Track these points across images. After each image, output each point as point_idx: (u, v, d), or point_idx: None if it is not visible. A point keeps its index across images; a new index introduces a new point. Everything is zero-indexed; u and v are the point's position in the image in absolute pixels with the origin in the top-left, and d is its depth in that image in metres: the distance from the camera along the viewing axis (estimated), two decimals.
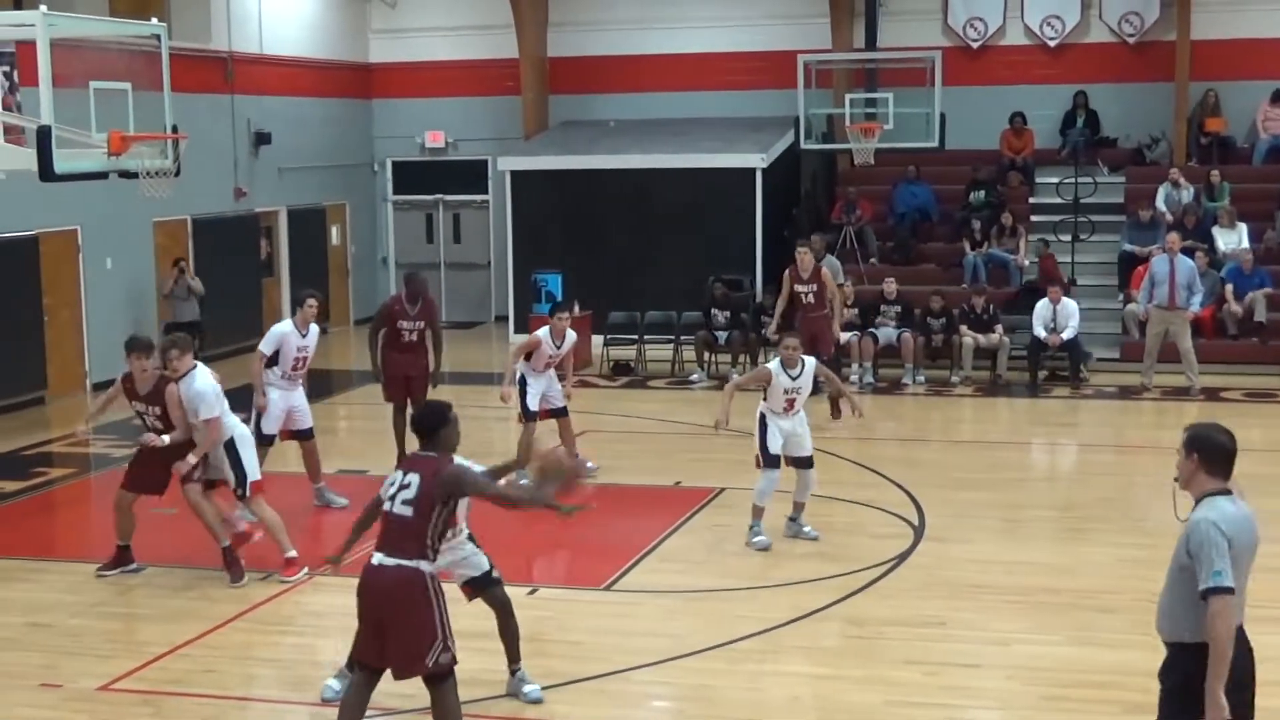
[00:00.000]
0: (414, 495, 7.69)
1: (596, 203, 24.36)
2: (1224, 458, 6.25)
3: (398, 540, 7.69)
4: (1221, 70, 24.51)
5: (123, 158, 12.96)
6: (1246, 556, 6.13)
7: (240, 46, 24.53)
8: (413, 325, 15.48)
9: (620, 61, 27.12)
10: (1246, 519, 6.17)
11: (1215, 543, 6.06)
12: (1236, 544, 6.05)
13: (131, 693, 9.40)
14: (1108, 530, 13.10)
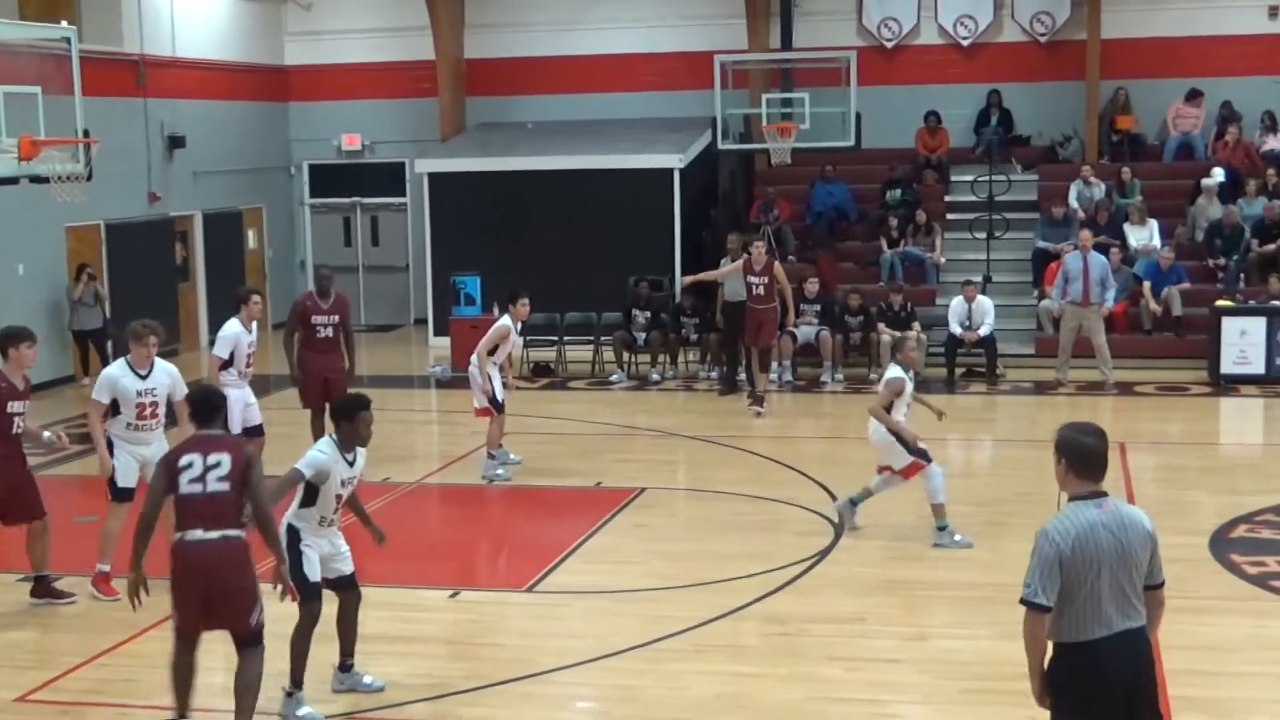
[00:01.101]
0: (227, 472, 8.18)
1: (515, 204, 24.30)
2: (1089, 459, 6.21)
3: (217, 514, 8.16)
4: (1131, 69, 24.80)
5: (33, 162, 12.85)
6: (1109, 565, 6.05)
7: (152, 49, 24.29)
8: (327, 320, 15.43)
9: (537, 63, 27.09)
10: (1105, 527, 6.09)
11: (1040, 552, 6.09)
12: (1080, 552, 6.02)
13: (49, 704, 9.30)
14: (1025, 524, 13.08)
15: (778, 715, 8.86)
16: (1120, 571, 6.09)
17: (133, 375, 11.38)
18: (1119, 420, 18.07)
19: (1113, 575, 6.07)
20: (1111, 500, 6.21)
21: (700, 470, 16.00)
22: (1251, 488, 13.97)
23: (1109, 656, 6.09)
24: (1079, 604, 6.07)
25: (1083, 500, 6.17)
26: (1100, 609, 6.08)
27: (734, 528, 13.26)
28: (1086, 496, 6.17)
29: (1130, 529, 6.12)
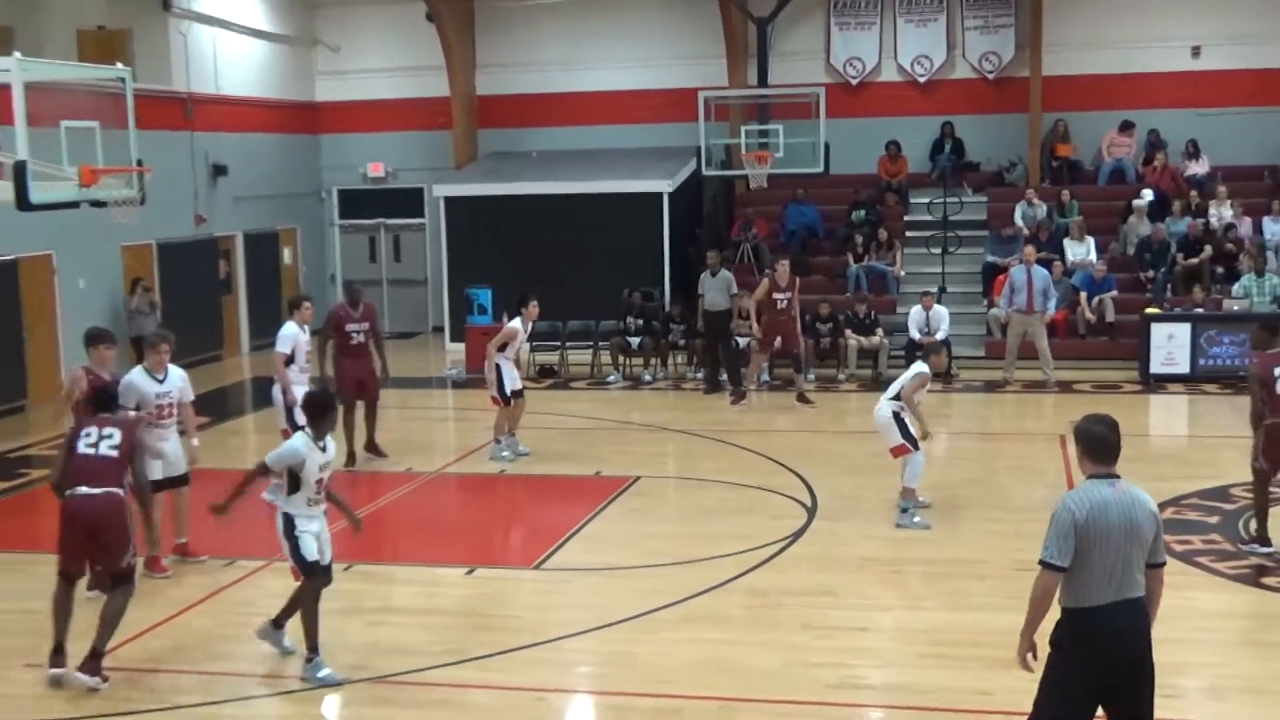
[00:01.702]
0: (118, 443, 9.18)
1: (521, 225, 24.32)
2: (1100, 445, 6.30)
3: (104, 475, 9.08)
4: (1069, 103, 24.84)
5: (93, 189, 12.83)
6: (1116, 537, 6.10)
7: (198, 87, 24.30)
8: (359, 327, 15.51)
9: (541, 99, 27.09)
10: (1116, 504, 6.15)
11: (1057, 520, 6.17)
12: (1093, 523, 6.09)
13: (111, 670, 9.29)
14: (976, 508, 13.26)
15: (758, 678, 8.88)
16: (1127, 545, 6.14)
17: (151, 380, 11.45)
18: (1060, 415, 18.10)
19: (1119, 548, 6.12)
20: (1123, 482, 6.28)
21: (688, 461, 16.03)
22: (1178, 474, 14.01)
23: (1110, 621, 6.14)
24: (1087, 572, 6.12)
25: (1098, 479, 6.24)
26: (1106, 578, 6.13)
27: (718, 512, 13.27)
28: (1101, 477, 6.24)
29: (1138, 508, 6.19)
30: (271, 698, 8.95)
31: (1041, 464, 15.42)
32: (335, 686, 8.89)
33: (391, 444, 16.17)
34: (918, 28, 26.03)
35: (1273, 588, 10.68)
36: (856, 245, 23.28)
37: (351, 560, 11.69)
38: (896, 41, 26.08)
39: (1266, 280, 20.67)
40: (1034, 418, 18.65)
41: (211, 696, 8.79)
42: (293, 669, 9.38)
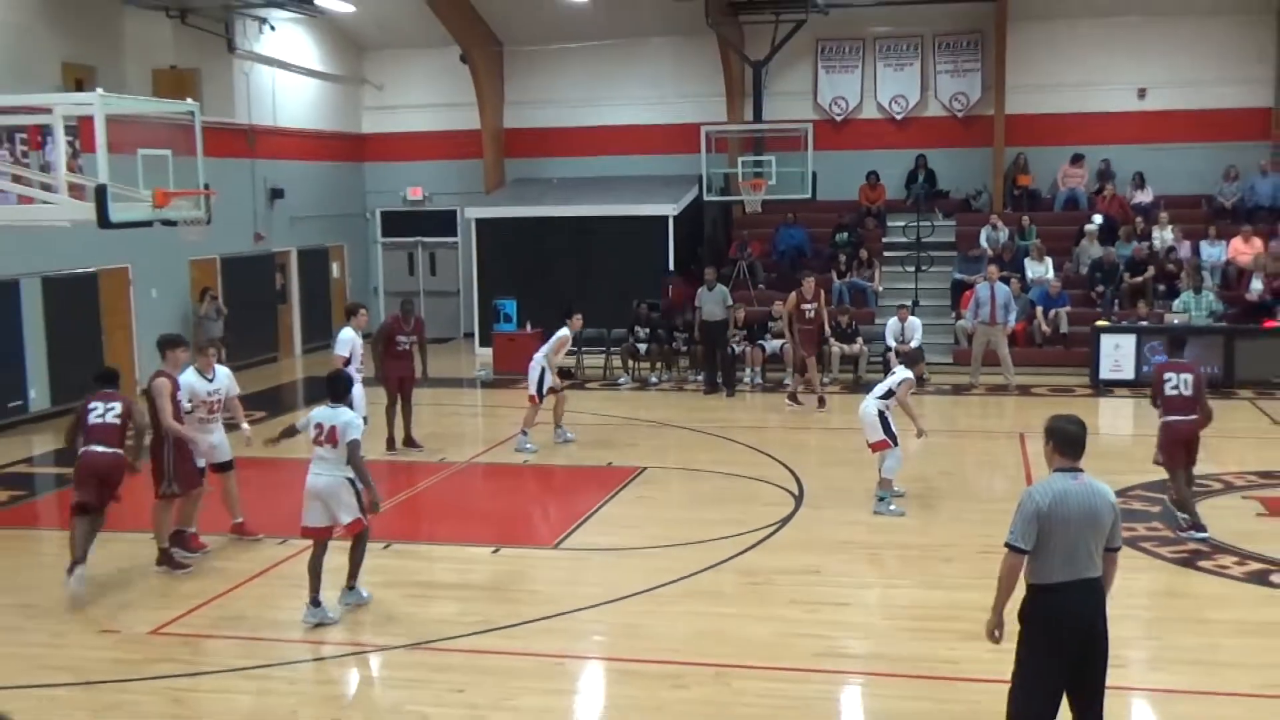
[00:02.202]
0: (120, 413, 10.54)
1: (543, 243, 24.31)
2: (1071, 442, 6.28)
3: (110, 438, 10.45)
4: (1029, 138, 24.80)
5: (165, 210, 12.80)
6: (1075, 523, 6.08)
7: (259, 120, 24.31)
8: (407, 339, 15.76)
9: (561, 132, 27.07)
10: (1076, 493, 6.13)
11: (1021, 507, 6.18)
12: (1055, 511, 6.08)
13: (175, 635, 9.30)
14: (947, 497, 13.23)
15: (752, 647, 8.85)
16: (1084, 531, 6.13)
17: (202, 380, 11.51)
18: (1019, 415, 18.07)
19: (1079, 532, 6.12)
20: (1086, 476, 6.26)
21: (689, 453, 15.98)
22: (1124, 469, 13.94)
23: (1068, 597, 6.13)
24: (1049, 553, 6.11)
25: (1062, 472, 6.24)
26: (1065, 559, 6.12)
27: (716, 499, 13.24)
28: (1066, 470, 6.22)
29: (1097, 498, 6.18)
30: (317, 662, 8.92)
31: (1003, 458, 15.39)
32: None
33: (426, 437, 16.18)
34: (895, 71, 26.00)
35: (1207, 570, 10.63)
36: (840, 263, 23.23)
37: (391, 539, 11.69)
38: (876, 83, 26.05)
39: (1203, 297, 20.62)
40: (996, 418, 18.60)
41: (263, 661, 8.77)
42: (335, 635, 9.37)
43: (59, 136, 13.56)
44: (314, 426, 9.58)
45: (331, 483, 9.47)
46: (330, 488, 9.48)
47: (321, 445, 9.50)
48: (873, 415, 12.59)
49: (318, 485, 9.51)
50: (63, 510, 13.93)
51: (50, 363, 18.49)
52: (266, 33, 24.47)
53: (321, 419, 9.55)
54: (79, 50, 20.51)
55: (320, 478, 9.52)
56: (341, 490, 9.48)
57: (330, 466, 9.49)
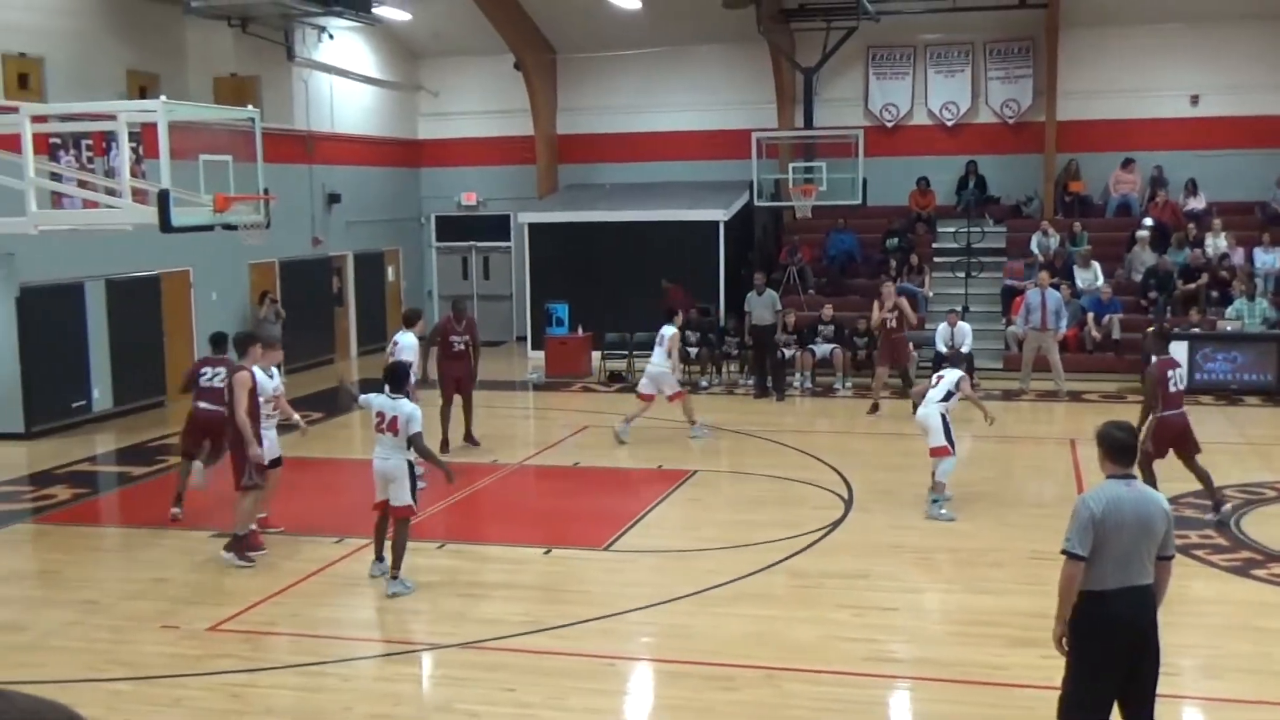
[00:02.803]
0: (224, 377, 11.55)
1: (595, 248, 24.36)
2: (1120, 449, 6.22)
3: (215, 398, 11.80)
4: (1081, 144, 24.60)
5: (225, 214, 12.91)
6: (1129, 530, 6.01)
7: (317, 126, 24.52)
8: (460, 339, 15.92)
9: (614, 138, 27.16)
10: (1130, 500, 6.06)
11: (1077, 514, 6.09)
12: (1109, 518, 6.00)
13: (234, 632, 9.38)
14: (995, 503, 13.12)
15: (801, 650, 8.82)
16: (1138, 538, 6.05)
17: (265, 376, 11.71)
18: (1070, 421, 17.90)
19: (1133, 540, 6.04)
20: (1138, 482, 6.21)
21: (740, 457, 15.96)
22: (1175, 476, 13.74)
23: (1120, 604, 6.06)
24: (1102, 560, 6.03)
25: (1115, 479, 6.17)
26: (1118, 566, 6.04)
27: (766, 502, 13.21)
28: (1119, 477, 6.16)
29: (1150, 505, 6.11)
30: (370, 660, 8.97)
31: (1053, 465, 15.24)
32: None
33: (479, 438, 16.23)
34: (946, 78, 25.86)
35: (1261, 578, 10.48)
36: (890, 269, 23.12)
37: (445, 540, 11.75)
38: (927, 90, 25.93)
39: (1257, 304, 20.36)
40: (1046, 424, 18.42)
41: (318, 658, 8.83)
42: (389, 634, 9.42)
43: (123, 142, 13.71)
44: (375, 414, 10.20)
45: (395, 466, 10.12)
46: (393, 470, 10.12)
47: (383, 432, 10.10)
48: (936, 420, 12.52)
49: (384, 468, 10.17)
50: (124, 509, 14.15)
51: (113, 364, 18.72)
52: (325, 41, 24.68)
53: (383, 408, 10.15)
54: (143, 58, 20.77)
55: (386, 461, 10.16)
56: (402, 474, 10.10)
57: (391, 450, 10.12)
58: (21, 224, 12.85)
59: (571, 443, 16.66)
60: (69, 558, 11.66)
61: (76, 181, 15.00)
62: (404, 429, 9.98)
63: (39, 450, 16.49)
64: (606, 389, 21.26)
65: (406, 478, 10.13)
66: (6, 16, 17.80)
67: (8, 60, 17.98)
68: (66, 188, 14.44)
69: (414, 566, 10.92)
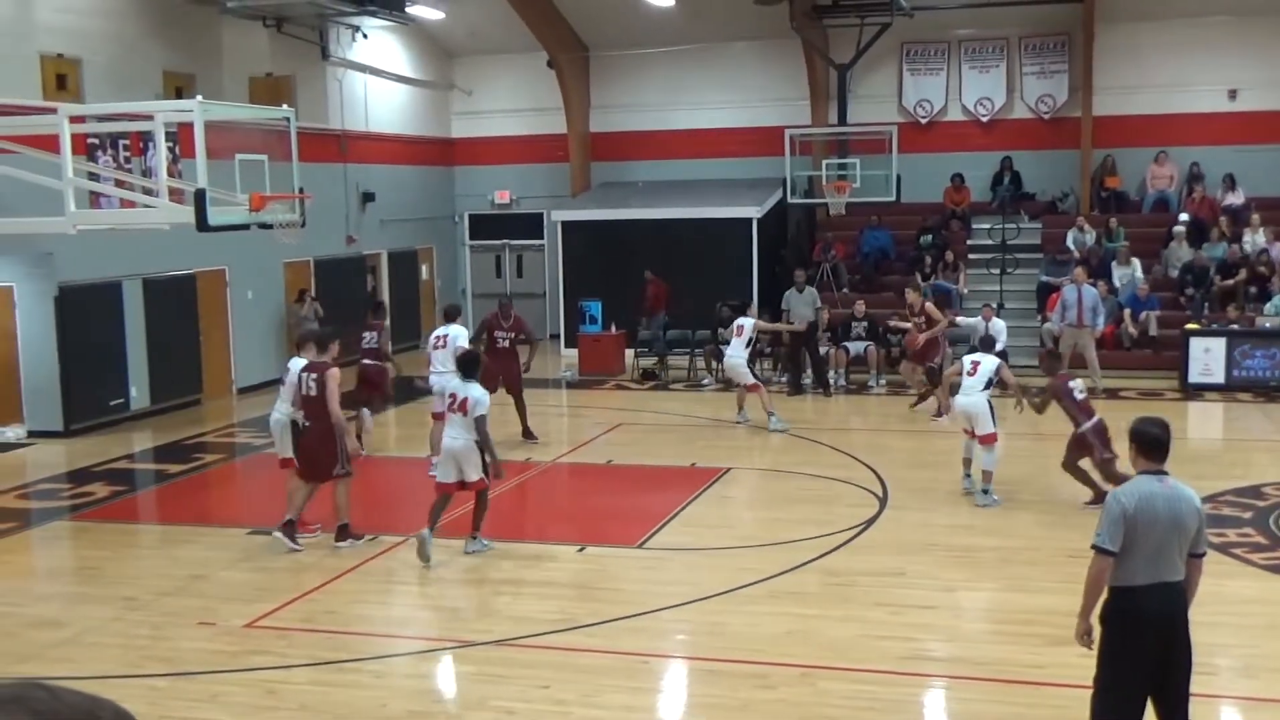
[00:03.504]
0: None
1: (628, 246, 24.34)
2: (1153, 444, 6.16)
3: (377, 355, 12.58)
4: (1117, 139, 24.42)
5: (261, 213, 12.99)
6: (1161, 526, 5.96)
7: (351, 126, 24.63)
8: (505, 335, 16.13)
9: (647, 136, 27.15)
10: (1162, 496, 6.01)
11: (1109, 509, 6.05)
12: (1141, 514, 5.96)
13: (270, 629, 9.44)
14: (1030, 501, 13.04)
15: (835, 648, 8.79)
16: (1169, 534, 6.01)
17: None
18: (1106, 418, 17.73)
19: (1164, 535, 6.00)
20: (1171, 478, 6.15)
21: (774, 454, 15.93)
22: (1214, 474, 13.68)
23: (1149, 599, 6.02)
24: (1133, 555, 5.99)
25: (1148, 475, 6.13)
26: (1148, 561, 6.01)
27: (800, 500, 13.18)
28: (1152, 473, 6.12)
29: (1182, 502, 6.05)
30: (405, 657, 9.00)
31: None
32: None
33: (513, 437, 16.23)
34: (981, 73, 25.72)
35: None
36: (924, 266, 23.03)
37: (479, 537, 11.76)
38: (961, 85, 25.80)
39: None
40: None
41: (354, 655, 8.87)
42: (423, 631, 9.44)
43: (160, 142, 13.84)
44: (448, 395, 11.16)
45: (465, 446, 10.88)
46: (464, 450, 10.89)
47: (453, 412, 10.92)
48: (984, 408, 12.66)
49: (454, 447, 10.93)
50: (162, 507, 14.26)
51: (150, 362, 18.86)
52: (359, 40, 24.79)
53: (455, 389, 11.03)
54: (179, 59, 20.91)
55: (456, 441, 10.92)
56: (472, 452, 10.90)
57: (461, 430, 10.90)
58: (60, 224, 12.98)
59: (605, 440, 16.68)
60: (107, 554, 11.75)
61: (114, 181, 15.13)
62: (472, 410, 10.74)
63: (77, 448, 16.64)
64: (639, 387, 21.27)
65: (477, 454, 10.91)
66: (45, 18, 17.96)
67: (46, 61, 18.15)
68: (104, 188, 14.56)
69: (449, 564, 10.98)
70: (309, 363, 11.56)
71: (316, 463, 11.44)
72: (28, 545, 12.48)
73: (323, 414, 11.31)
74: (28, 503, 14.02)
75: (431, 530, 10.87)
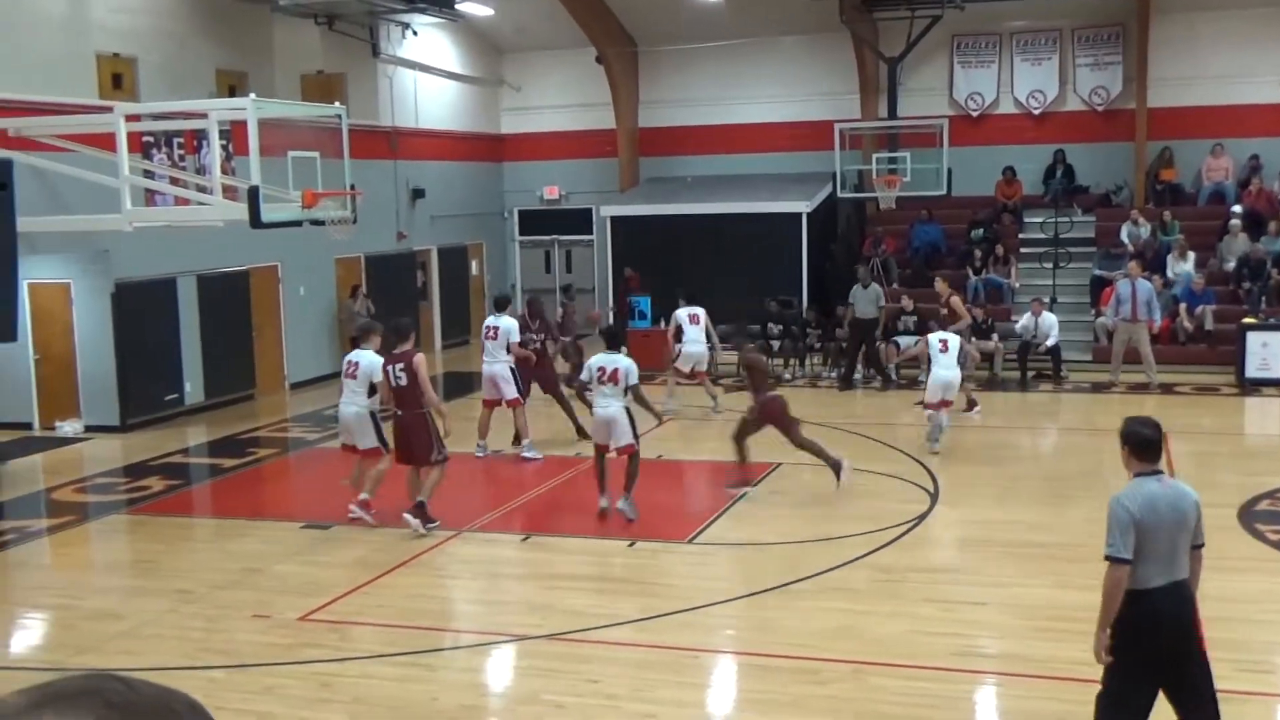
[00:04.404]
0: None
1: (677, 241, 24.36)
2: (1146, 445, 6.12)
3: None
4: (1173, 131, 24.14)
5: (313, 210, 13.15)
6: (1167, 527, 5.95)
7: (401, 122, 24.78)
8: (534, 336, 15.85)
9: (696, 131, 27.14)
10: (1164, 497, 6.00)
11: (1117, 517, 5.99)
12: (1147, 518, 5.93)
13: (323, 622, 9.54)
14: (1082, 497, 12.93)
15: (885, 644, 8.78)
16: (1175, 533, 6.00)
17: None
18: (1161, 415, 17.42)
19: (1171, 535, 5.98)
20: (1166, 476, 6.13)
21: None
22: (1272, 470, 13.52)
23: (1164, 601, 6.00)
24: (1145, 559, 5.96)
25: (1145, 476, 6.08)
26: (1161, 563, 5.98)
27: (850, 495, 13.13)
28: (1148, 474, 6.08)
29: (1183, 499, 6.05)
30: (457, 651, 9.08)
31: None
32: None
33: (561, 432, 16.27)
34: (1033, 66, 25.52)
35: None
36: (975, 260, 22.89)
37: (529, 532, 11.84)
38: (1013, 78, 25.61)
39: None
40: None
41: (405, 648, 8.95)
42: (475, 625, 9.51)
43: (214, 140, 14.01)
44: (596, 369, 11.94)
45: (615, 413, 11.88)
46: (614, 417, 11.89)
47: (604, 384, 11.85)
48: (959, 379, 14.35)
49: (605, 415, 11.96)
50: (216, 501, 14.43)
51: (204, 358, 19.07)
52: (409, 37, 24.93)
53: (603, 363, 11.94)
54: (231, 57, 21.13)
55: (606, 409, 11.94)
56: (621, 418, 11.88)
57: (611, 400, 11.89)
58: (117, 221, 13.19)
59: (654, 435, 16.66)
60: (163, 548, 11.92)
61: (169, 179, 15.33)
62: (624, 379, 11.78)
63: (133, 443, 16.86)
64: (689, 382, 21.25)
65: (627, 420, 11.91)
66: (101, 18, 18.21)
67: (102, 60, 18.39)
68: (160, 185, 14.76)
69: (498, 558, 11.06)
70: (392, 353, 11.70)
71: (412, 448, 11.67)
72: (85, 538, 12.68)
73: (414, 402, 11.50)
74: (85, 496, 14.24)
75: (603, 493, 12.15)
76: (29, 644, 9.87)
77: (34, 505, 13.87)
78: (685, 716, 7.89)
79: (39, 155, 14.22)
